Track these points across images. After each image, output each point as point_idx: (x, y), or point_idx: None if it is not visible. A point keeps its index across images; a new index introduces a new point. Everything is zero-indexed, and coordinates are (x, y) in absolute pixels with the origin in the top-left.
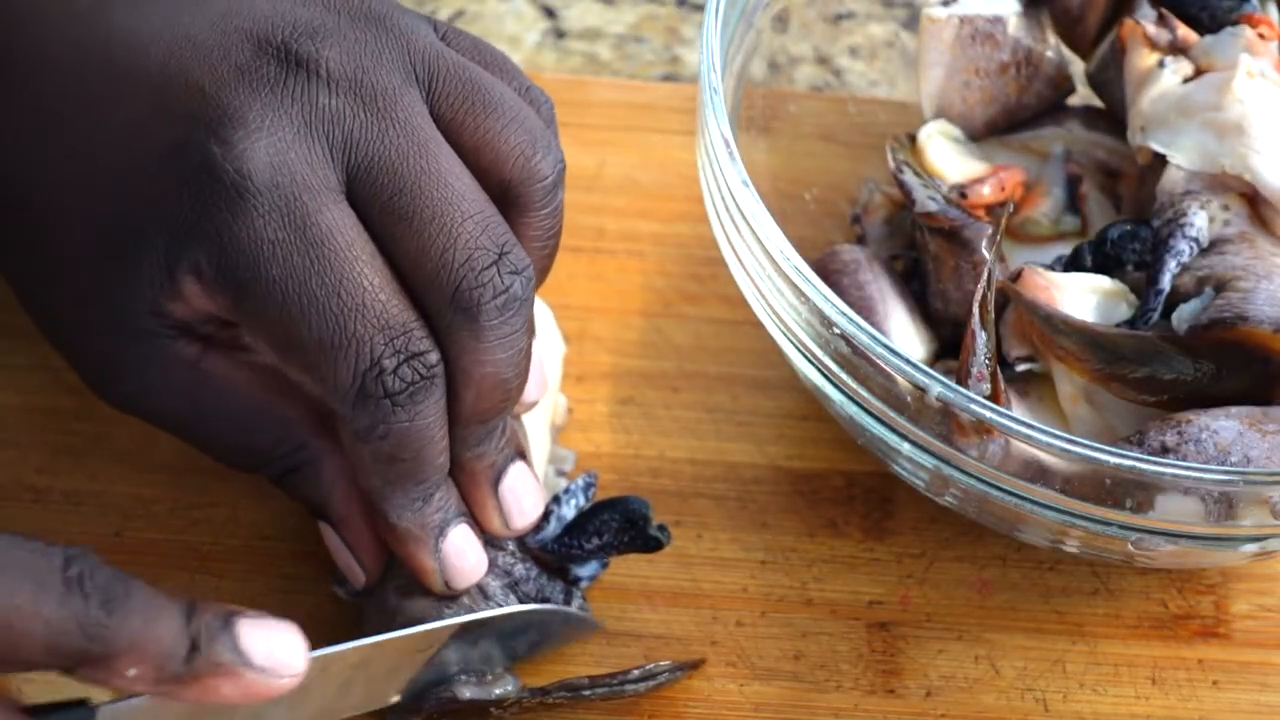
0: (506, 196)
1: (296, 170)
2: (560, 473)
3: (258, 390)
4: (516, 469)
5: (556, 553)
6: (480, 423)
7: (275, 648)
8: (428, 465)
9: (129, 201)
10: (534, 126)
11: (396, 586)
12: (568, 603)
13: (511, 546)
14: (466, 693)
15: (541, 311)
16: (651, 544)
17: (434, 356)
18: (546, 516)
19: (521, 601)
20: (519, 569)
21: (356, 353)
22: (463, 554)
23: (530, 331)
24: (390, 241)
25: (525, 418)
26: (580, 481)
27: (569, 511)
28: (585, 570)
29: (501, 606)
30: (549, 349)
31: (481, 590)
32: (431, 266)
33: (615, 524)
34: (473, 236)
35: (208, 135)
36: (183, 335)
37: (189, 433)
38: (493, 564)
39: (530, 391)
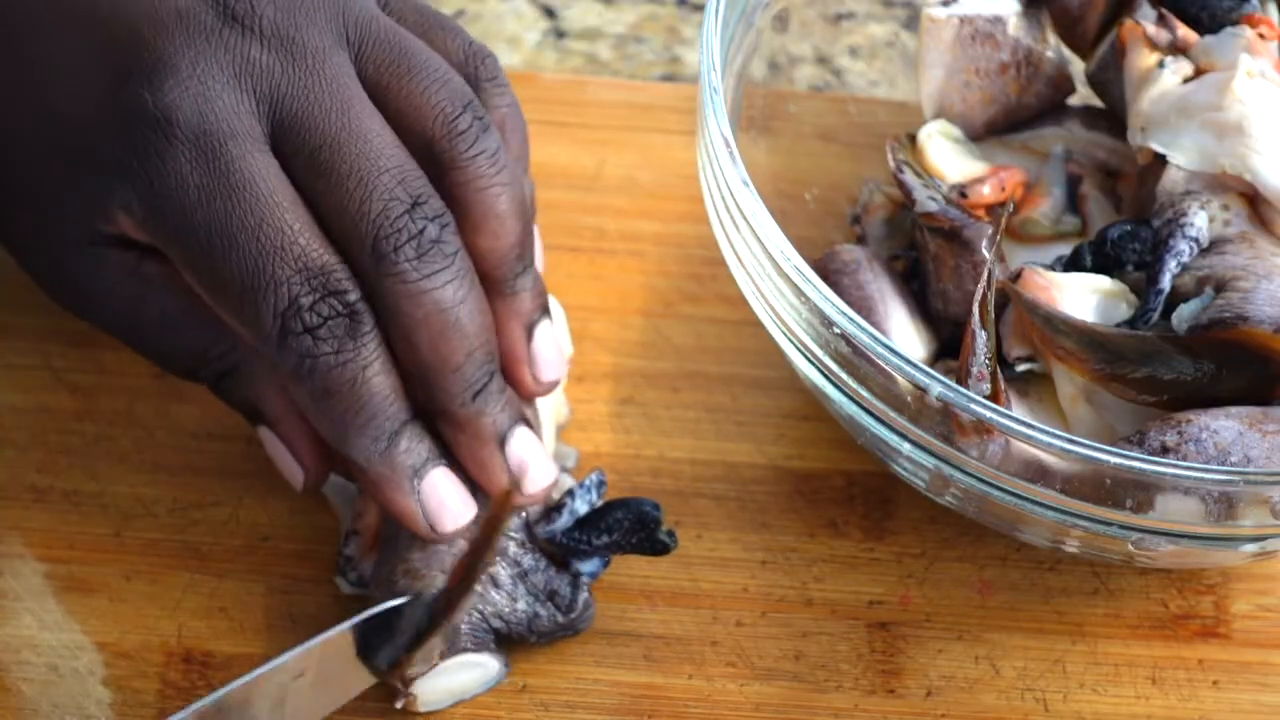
0: (432, 153)
1: (222, 118)
2: (564, 469)
3: (191, 293)
4: (523, 431)
5: (564, 545)
6: (452, 370)
7: None
8: (370, 401)
9: (72, 135)
10: (457, 88)
11: (405, 570)
12: (575, 596)
13: (521, 537)
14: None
15: (554, 311)
16: (659, 547)
17: (353, 295)
18: (560, 508)
19: (529, 592)
20: (527, 560)
21: (275, 293)
22: (441, 493)
23: (470, 280)
24: (313, 195)
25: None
26: (594, 478)
27: (582, 506)
28: (587, 566)
29: (511, 596)
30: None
31: (492, 579)
32: (350, 219)
33: (627, 523)
34: (388, 189)
35: (141, 81)
36: (119, 244)
37: (131, 336)
38: (504, 553)
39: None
